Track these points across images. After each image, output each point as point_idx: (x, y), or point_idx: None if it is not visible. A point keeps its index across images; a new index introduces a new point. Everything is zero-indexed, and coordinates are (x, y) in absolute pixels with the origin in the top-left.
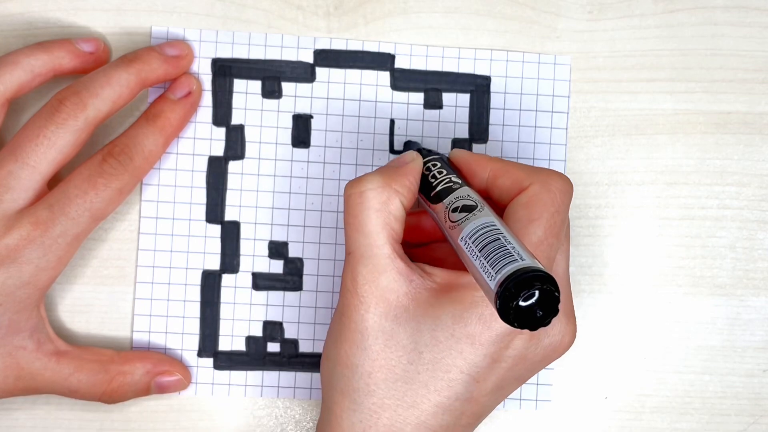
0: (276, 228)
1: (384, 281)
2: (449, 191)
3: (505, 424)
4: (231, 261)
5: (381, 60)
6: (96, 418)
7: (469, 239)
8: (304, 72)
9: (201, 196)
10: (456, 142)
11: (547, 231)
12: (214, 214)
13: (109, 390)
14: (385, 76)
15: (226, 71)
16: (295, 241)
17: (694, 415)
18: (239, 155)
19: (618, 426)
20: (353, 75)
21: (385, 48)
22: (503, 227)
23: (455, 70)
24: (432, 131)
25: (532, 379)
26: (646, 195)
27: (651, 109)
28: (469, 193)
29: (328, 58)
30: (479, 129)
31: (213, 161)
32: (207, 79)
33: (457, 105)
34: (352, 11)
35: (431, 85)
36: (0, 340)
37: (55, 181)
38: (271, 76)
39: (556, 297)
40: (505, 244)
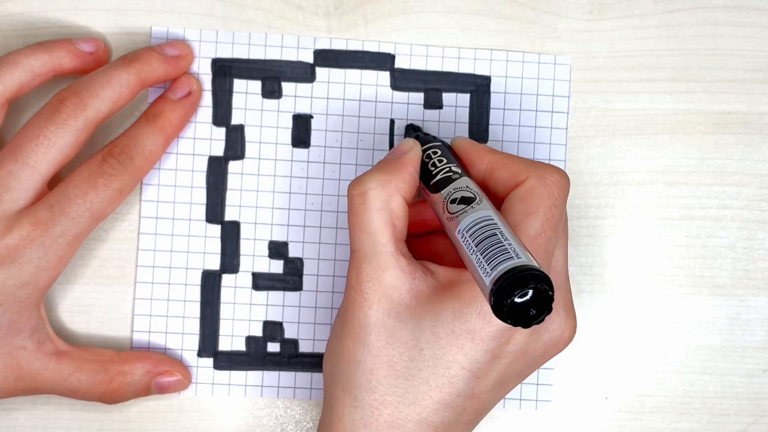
0: (276, 228)
1: (387, 279)
2: (448, 181)
3: (505, 424)
4: (231, 261)
5: (381, 60)
6: (96, 418)
7: (466, 233)
8: (304, 72)
9: (201, 196)
10: None
11: (545, 224)
12: (214, 214)
13: (109, 390)
14: (385, 76)
15: (226, 71)
16: (295, 241)
17: (694, 415)
18: (239, 155)
19: (618, 426)
20: (353, 75)
21: (385, 48)
22: (501, 221)
23: (455, 70)
24: (432, 131)
25: (532, 379)
26: (646, 195)
27: (651, 109)
28: (468, 185)
29: (328, 58)
30: (479, 129)
31: (213, 161)
32: (207, 79)
33: (457, 105)
34: (352, 11)
35: (431, 85)
36: (0, 340)
37: (56, 182)
38: (271, 76)
39: (549, 296)
40: (502, 240)
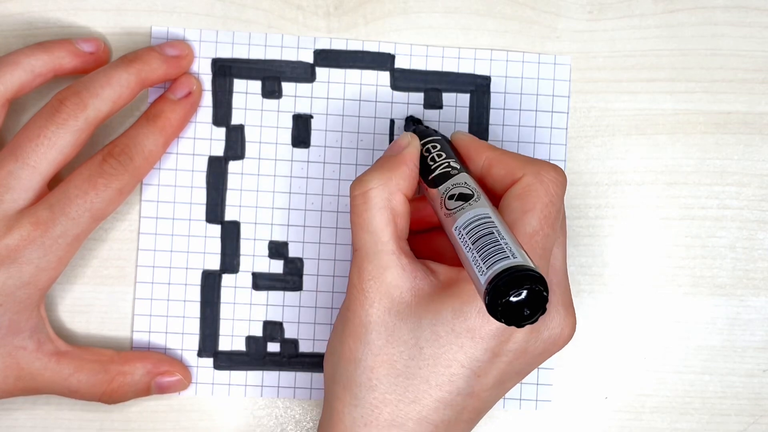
0: (276, 228)
1: (389, 277)
2: (447, 177)
3: (505, 424)
4: (231, 261)
5: (381, 60)
6: (96, 418)
7: (463, 230)
8: (304, 72)
9: (201, 196)
10: None
11: (542, 221)
12: (214, 214)
13: (109, 390)
14: (385, 76)
15: (226, 71)
16: (295, 241)
17: (694, 415)
18: (239, 155)
19: (618, 426)
20: (353, 75)
21: (385, 48)
22: (498, 220)
23: (455, 70)
24: None
25: (532, 379)
26: (646, 195)
27: (651, 109)
28: (467, 181)
29: (328, 58)
30: (479, 129)
31: (213, 161)
32: (207, 79)
33: (457, 105)
34: (352, 11)
35: (431, 85)
36: (0, 340)
37: (56, 182)
38: (271, 76)
39: (544, 297)
40: (498, 238)
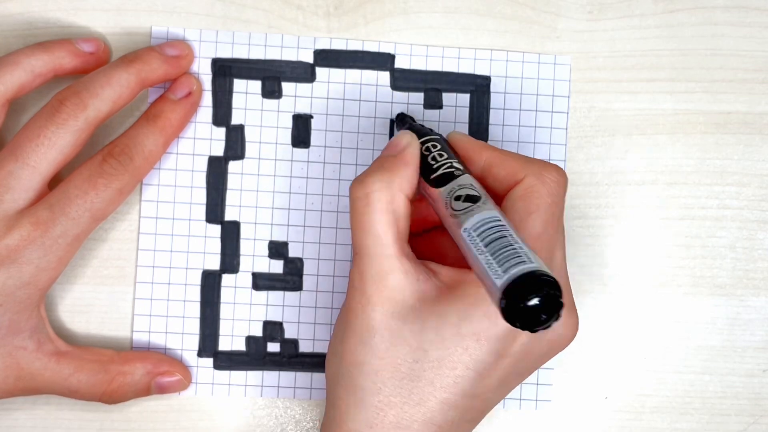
0: (276, 228)
1: (391, 281)
2: (451, 177)
3: (505, 424)
4: (231, 261)
5: (381, 60)
6: (96, 418)
7: (474, 232)
8: (304, 72)
9: (201, 196)
10: None
11: (546, 222)
12: (214, 214)
13: (109, 390)
14: (385, 76)
15: (226, 71)
16: (295, 241)
17: (694, 415)
18: (239, 155)
19: (618, 426)
20: (353, 75)
21: (385, 48)
22: (508, 223)
23: (455, 70)
24: None
25: (532, 379)
26: (646, 195)
27: (651, 109)
28: (472, 183)
29: (328, 58)
30: (479, 129)
31: (213, 161)
32: (207, 79)
33: (457, 105)
34: (352, 11)
35: (431, 85)
36: (0, 340)
37: (56, 182)
38: (271, 76)
39: (560, 303)
40: (512, 242)
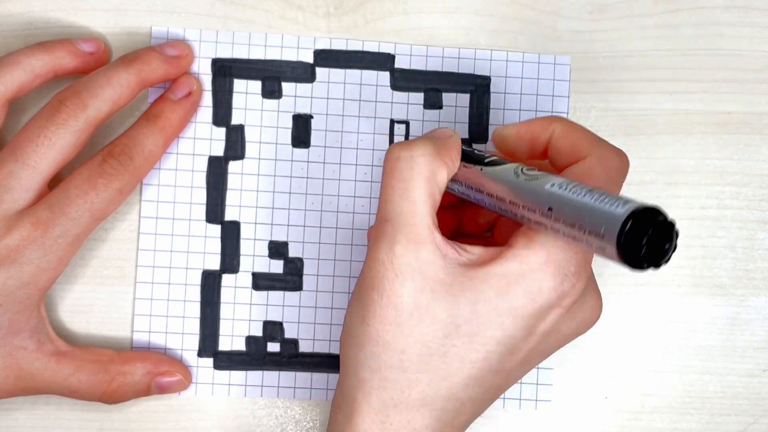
0: (276, 228)
1: (423, 253)
2: (504, 162)
3: (505, 424)
4: (231, 261)
5: (381, 60)
6: (96, 418)
7: (566, 184)
8: (304, 72)
9: (201, 196)
10: None
11: None
12: (214, 214)
13: (110, 390)
14: (385, 76)
15: (226, 71)
16: (295, 241)
17: (694, 415)
18: (239, 155)
19: (618, 426)
20: (353, 75)
21: (385, 48)
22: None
23: (455, 70)
24: None
25: (532, 379)
26: (646, 195)
27: (651, 109)
28: (526, 167)
29: (328, 58)
30: (479, 129)
31: (213, 161)
32: (207, 79)
33: (457, 105)
34: (352, 11)
35: (431, 85)
36: (0, 340)
37: (56, 182)
38: (271, 76)
39: (676, 231)
40: (603, 192)
